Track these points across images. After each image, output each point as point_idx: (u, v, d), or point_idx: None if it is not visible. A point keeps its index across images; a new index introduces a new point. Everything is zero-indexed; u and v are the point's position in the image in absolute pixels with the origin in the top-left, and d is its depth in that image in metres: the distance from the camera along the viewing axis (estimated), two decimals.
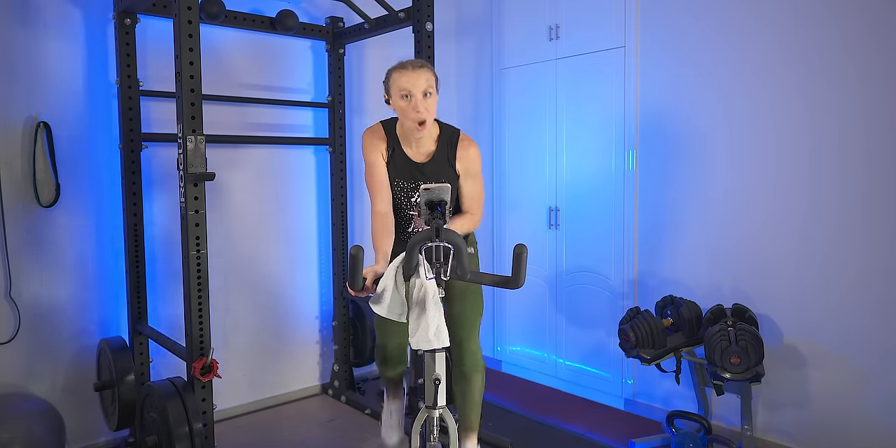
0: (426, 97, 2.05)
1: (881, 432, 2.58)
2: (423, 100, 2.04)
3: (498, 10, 4.01)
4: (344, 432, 3.19)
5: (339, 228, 3.60)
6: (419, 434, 1.99)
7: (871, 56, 2.56)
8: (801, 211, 2.77)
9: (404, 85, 2.04)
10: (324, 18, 3.60)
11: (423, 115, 2.04)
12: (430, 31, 2.92)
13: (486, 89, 4.15)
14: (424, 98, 2.04)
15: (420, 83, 2.03)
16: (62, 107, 2.82)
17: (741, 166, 2.95)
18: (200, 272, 2.37)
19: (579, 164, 3.60)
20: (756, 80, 2.89)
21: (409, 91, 2.03)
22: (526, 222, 3.92)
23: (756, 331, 2.62)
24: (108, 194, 2.96)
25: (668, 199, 3.23)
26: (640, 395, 3.40)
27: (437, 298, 1.84)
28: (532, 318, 3.93)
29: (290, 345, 3.63)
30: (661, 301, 3.03)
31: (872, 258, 2.59)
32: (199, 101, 2.28)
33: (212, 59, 3.20)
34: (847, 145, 2.63)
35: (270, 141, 3.41)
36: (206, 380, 2.34)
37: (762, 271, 2.90)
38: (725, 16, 2.97)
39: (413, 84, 2.03)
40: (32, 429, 2.49)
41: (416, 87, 2.03)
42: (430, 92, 2.05)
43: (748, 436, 2.73)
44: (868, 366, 2.61)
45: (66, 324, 2.88)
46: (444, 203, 1.91)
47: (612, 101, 3.41)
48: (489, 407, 3.42)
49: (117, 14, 2.79)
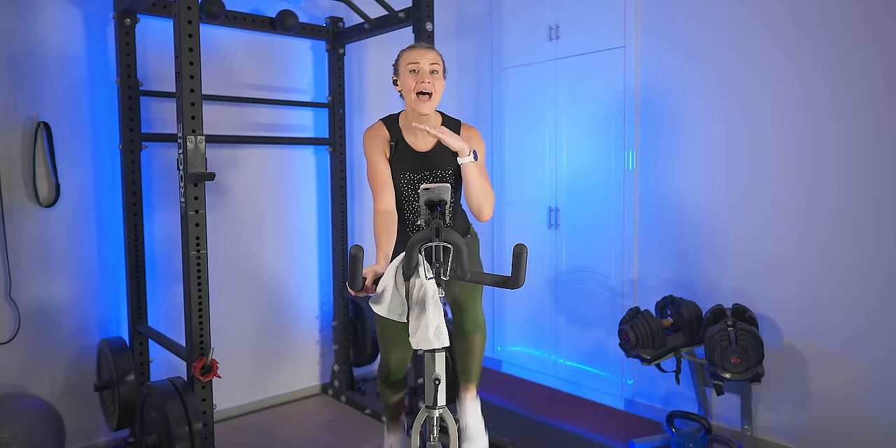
0: (433, 74, 2.10)
1: (881, 432, 2.58)
2: (430, 75, 2.09)
3: (498, 10, 4.01)
4: (344, 432, 3.19)
5: (339, 228, 3.60)
6: (419, 434, 1.99)
7: (870, 55, 2.56)
8: (800, 211, 2.77)
9: (413, 58, 2.09)
10: (324, 18, 3.60)
11: (427, 86, 2.08)
12: (430, 31, 2.92)
13: (486, 89, 4.15)
14: (431, 74, 2.10)
15: (428, 58, 2.09)
16: (62, 107, 2.82)
17: (741, 166, 2.95)
18: (200, 272, 2.37)
19: (579, 163, 3.60)
20: (756, 80, 2.89)
21: (417, 64, 2.08)
22: (526, 222, 3.92)
23: (756, 331, 2.62)
24: (108, 194, 2.96)
25: (668, 199, 3.23)
26: (640, 395, 3.40)
27: (437, 298, 1.84)
28: (532, 318, 3.93)
29: (290, 345, 3.63)
30: (661, 301, 3.03)
31: (872, 258, 2.59)
32: (199, 101, 2.28)
33: (212, 59, 3.21)
34: (847, 145, 2.63)
35: (270, 141, 3.41)
36: (206, 380, 2.34)
37: (762, 271, 2.90)
38: (725, 16, 2.97)
39: (421, 58, 2.09)
40: (32, 429, 2.49)
41: (424, 60, 2.09)
42: (436, 70, 2.11)
43: (748, 436, 2.73)
44: (868, 365, 2.61)
45: (66, 324, 2.88)
46: (444, 203, 1.91)
47: (612, 101, 3.41)
48: (489, 407, 3.43)
49: (117, 14, 2.80)
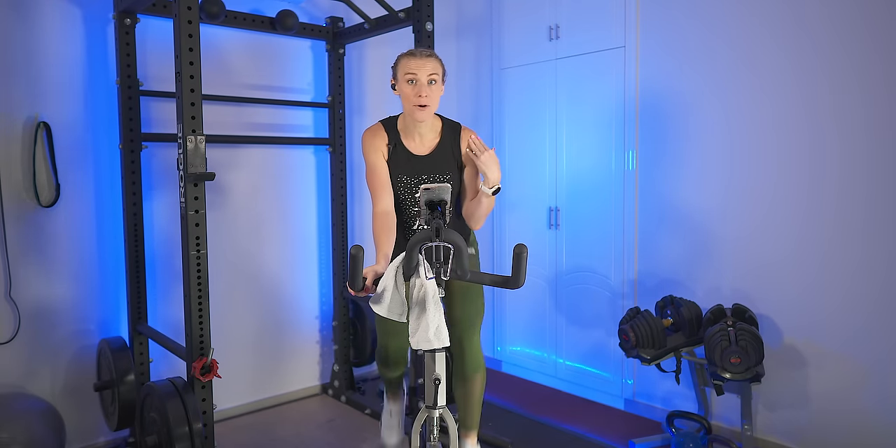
0: (431, 85, 2.07)
1: (881, 432, 2.58)
2: (427, 86, 2.06)
3: (498, 10, 4.01)
4: (344, 432, 3.19)
5: (339, 228, 3.60)
6: (419, 434, 1.99)
7: (870, 55, 2.56)
8: (800, 210, 2.77)
9: (411, 69, 2.06)
10: (324, 18, 3.60)
11: (424, 100, 2.07)
12: (430, 31, 2.92)
13: (486, 89, 4.15)
14: (429, 85, 2.07)
15: (426, 69, 2.06)
16: (62, 107, 2.82)
17: (741, 166, 2.95)
18: (200, 272, 2.37)
19: (579, 163, 3.60)
20: (755, 80, 2.89)
21: (414, 76, 2.06)
22: (526, 222, 3.91)
23: (756, 331, 2.62)
24: (108, 194, 2.96)
25: (668, 199, 3.23)
26: (640, 395, 3.40)
27: (437, 298, 1.84)
28: (532, 318, 3.92)
29: (290, 345, 3.63)
30: (661, 301, 3.03)
31: (872, 258, 2.59)
32: (199, 101, 2.28)
33: (212, 59, 3.21)
34: (847, 145, 2.63)
35: (270, 141, 3.41)
36: (206, 380, 2.34)
37: (762, 271, 2.90)
38: (725, 16, 2.97)
39: (419, 69, 2.06)
40: (32, 429, 2.49)
41: (422, 72, 2.06)
42: (435, 80, 2.08)
43: (748, 436, 2.73)
44: (868, 366, 2.61)
45: (66, 324, 2.88)
46: (444, 203, 1.91)
47: (612, 101, 3.41)
48: (489, 407, 3.43)
49: (117, 14, 2.79)
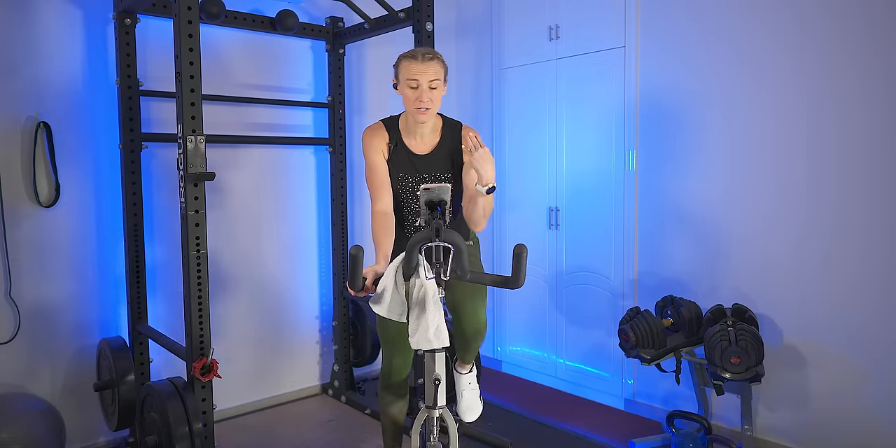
0: (432, 90, 2.07)
1: (881, 432, 2.58)
2: (429, 91, 2.06)
3: (498, 10, 4.01)
4: (344, 432, 3.19)
5: (339, 228, 3.60)
6: (419, 434, 1.99)
7: (870, 55, 2.56)
8: (800, 210, 2.77)
9: (413, 75, 2.05)
10: (324, 18, 3.60)
11: (425, 104, 2.07)
12: (430, 31, 2.92)
13: (486, 89, 4.14)
14: (431, 90, 2.07)
15: (428, 75, 2.06)
16: (62, 107, 2.82)
17: (741, 166, 2.95)
18: (200, 272, 2.37)
19: (579, 163, 3.60)
20: (755, 80, 2.89)
21: (416, 81, 2.05)
22: (526, 222, 3.91)
23: (756, 331, 2.62)
24: (108, 194, 2.96)
25: (668, 199, 3.22)
26: (640, 395, 3.40)
27: (437, 298, 1.84)
28: (532, 318, 3.92)
29: (289, 345, 3.63)
30: (661, 301, 3.03)
31: (872, 258, 2.59)
32: (199, 101, 2.28)
33: (212, 59, 3.21)
34: (846, 145, 2.63)
35: (270, 141, 3.41)
36: (206, 380, 2.34)
37: (762, 271, 2.89)
38: (725, 16, 2.97)
39: (421, 75, 2.05)
40: (32, 429, 2.49)
41: (424, 78, 2.05)
42: (437, 86, 2.08)
43: (748, 436, 2.73)
44: (868, 365, 2.61)
45: (66, 324, 2.88)
46: (444, 203, 1.91)
47: (612, 101, 3.41)
48: (489, 407, 3.42)
49: (117, 14, 2.79)
